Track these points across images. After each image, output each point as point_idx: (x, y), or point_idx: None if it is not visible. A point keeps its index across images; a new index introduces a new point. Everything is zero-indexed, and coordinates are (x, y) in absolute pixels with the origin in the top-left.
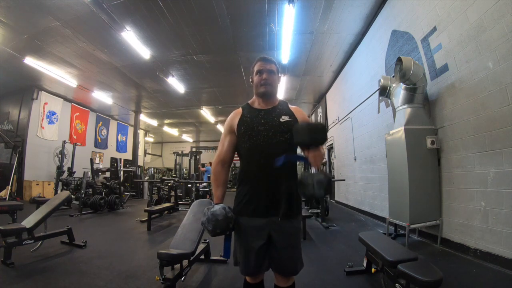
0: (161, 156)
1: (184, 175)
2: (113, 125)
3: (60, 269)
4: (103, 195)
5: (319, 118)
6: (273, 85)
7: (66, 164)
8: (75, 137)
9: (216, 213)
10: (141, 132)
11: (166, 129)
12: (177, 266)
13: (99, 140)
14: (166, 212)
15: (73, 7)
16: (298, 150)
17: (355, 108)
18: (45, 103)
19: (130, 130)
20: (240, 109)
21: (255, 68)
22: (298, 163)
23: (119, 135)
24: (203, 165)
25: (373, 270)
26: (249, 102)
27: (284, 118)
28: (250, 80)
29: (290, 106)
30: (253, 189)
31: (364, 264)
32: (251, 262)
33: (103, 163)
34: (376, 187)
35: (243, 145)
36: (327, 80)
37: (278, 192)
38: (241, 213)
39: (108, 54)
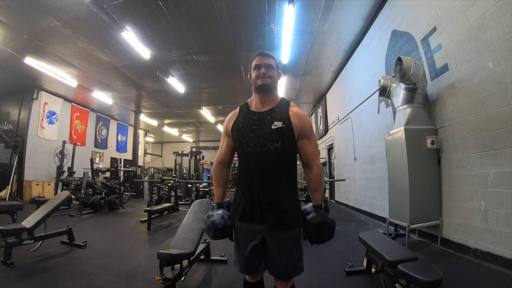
0: (161, 156)
1: (184, 175)
2: (113, 125)
3: (60, 269)
4: (103, 195)
5: (319, 118)
6: (272, 79)
7: (66, 164)
8: (75, 137)
9: (215, 222)
10: (141, 132)
11: (166, 129)
12: (177, 266)
13: (99, 140)
14: (166, 212)
15: (73, 7)
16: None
17: (355, 108)
18: (45, 103)
19: (130, 130)
20: (237, 110)
21: (253, 63)
22: (298, 162)
23: (119, 135)
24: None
25: (373, 270)
26: (248, 101)
27: (276, 125)
28: (248, 76)
29: (291, 109)
30: (243, 195)
31: (364, 264)
32: (246, 261)
33: (103, 163)
34: (376, 187)
35: (237, 150)
36: (327, 80)
37: (265, 202)
38: (235, 216)
39: (108, 54)
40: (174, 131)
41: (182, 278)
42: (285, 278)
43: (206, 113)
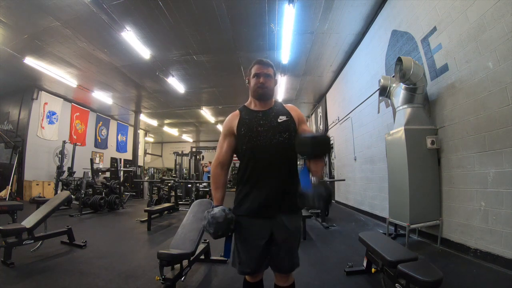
0: (161, 156)
1: (184, 175)
2: (113, 125)
3: (60, 269)
4: (103, 195)
5: (319, 118)
6: (270, 88)
7: (66, 164)
8: (75, 137)
9: (216, 215)
10: (141, 132)
11: (166, 129)
12: (177, 266)
13: (99, 140)
14: (166, 212)
15: (73, 7)
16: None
17: (355, 108)
18: (45, 103)
19: (130, 130)
20: (237, 112)
21: (252, 71)
22: (298, 163)
23: (119, 135)
24: (206, 167)
25: (373, 270)
26: (246, 104)
27: (282, 118)
28: (247, 82)
29: (285, 105)
30: (254, 189)
31: (364, 264)
32: (254, 260)
33: (103, 163)
34: (376, 187)
35: (243, 146)
36: (327, 80)
37: (279, 190)
38: (242, 213)
39: (108, 54)
40: (174, 131)
41: (182, 278)
42: (289, 270)
43: (206, 113)
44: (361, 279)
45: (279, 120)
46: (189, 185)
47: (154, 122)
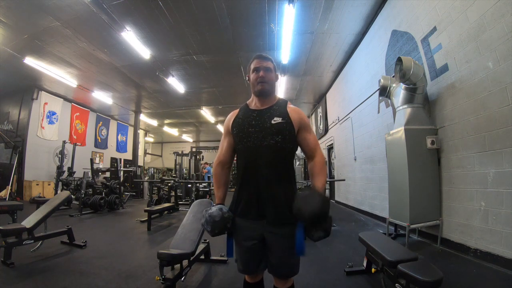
0: (161, 156)
1: (184, 175)
2: (113, 125)
3: (60, 269)
4: (103, 195)
5: (319, 118)
6: (270, 83)
7: (66, 164)
8: (75, 137)
9: (213, 214)
10: (141, 132)
11: (166, 129)
12: (177, 266)
13: (99, 140)
14: (166, 212)
15: (73, 7)
16: (298, 150)
17: (355, 108)
18: (45, 103)
19: (130, 130)
20: (237, 110)
21: (252, 66)
22: (295, 167)
23: (119, 135)
24: (204, 167)
25: (373, 270)
26: (248, 102)
27: (276, 120)
28: (247, 78)
29: (289, 106)
30: (243, 191)
31: (364, 264)
32: (246, 261)
33: (103, 163)
34: (376, 187)
35: (237, 146)
36: (327, 80)
37: (267, 196)
38: (235, 214)
39: (108, 54)
40: (174, 131)
41: (182, 278)
42: (284, 276)
43: (206, 113)
44: (361, 279)
45: (272, 122)
46: (189, 185)
47: (154, 122)
